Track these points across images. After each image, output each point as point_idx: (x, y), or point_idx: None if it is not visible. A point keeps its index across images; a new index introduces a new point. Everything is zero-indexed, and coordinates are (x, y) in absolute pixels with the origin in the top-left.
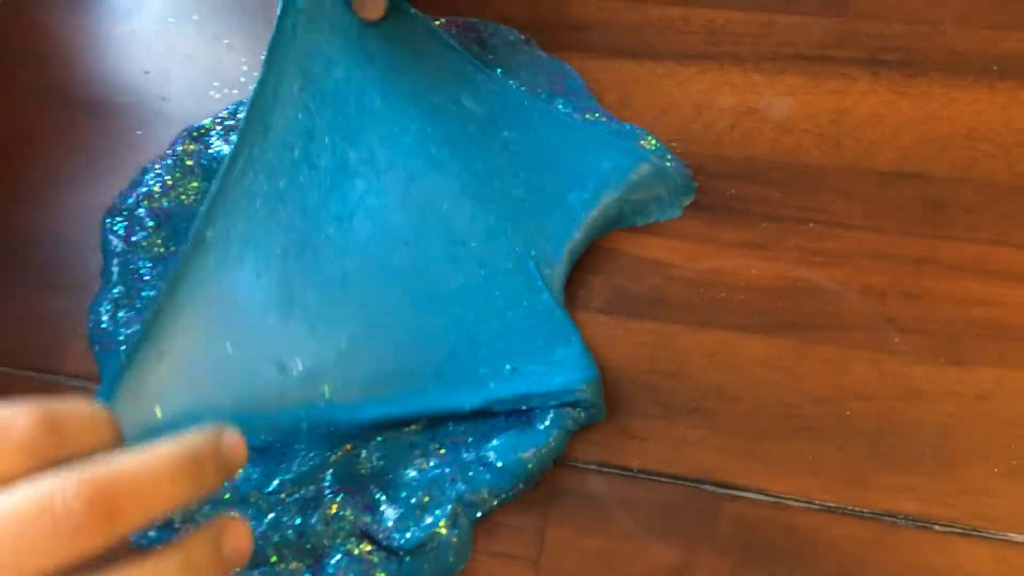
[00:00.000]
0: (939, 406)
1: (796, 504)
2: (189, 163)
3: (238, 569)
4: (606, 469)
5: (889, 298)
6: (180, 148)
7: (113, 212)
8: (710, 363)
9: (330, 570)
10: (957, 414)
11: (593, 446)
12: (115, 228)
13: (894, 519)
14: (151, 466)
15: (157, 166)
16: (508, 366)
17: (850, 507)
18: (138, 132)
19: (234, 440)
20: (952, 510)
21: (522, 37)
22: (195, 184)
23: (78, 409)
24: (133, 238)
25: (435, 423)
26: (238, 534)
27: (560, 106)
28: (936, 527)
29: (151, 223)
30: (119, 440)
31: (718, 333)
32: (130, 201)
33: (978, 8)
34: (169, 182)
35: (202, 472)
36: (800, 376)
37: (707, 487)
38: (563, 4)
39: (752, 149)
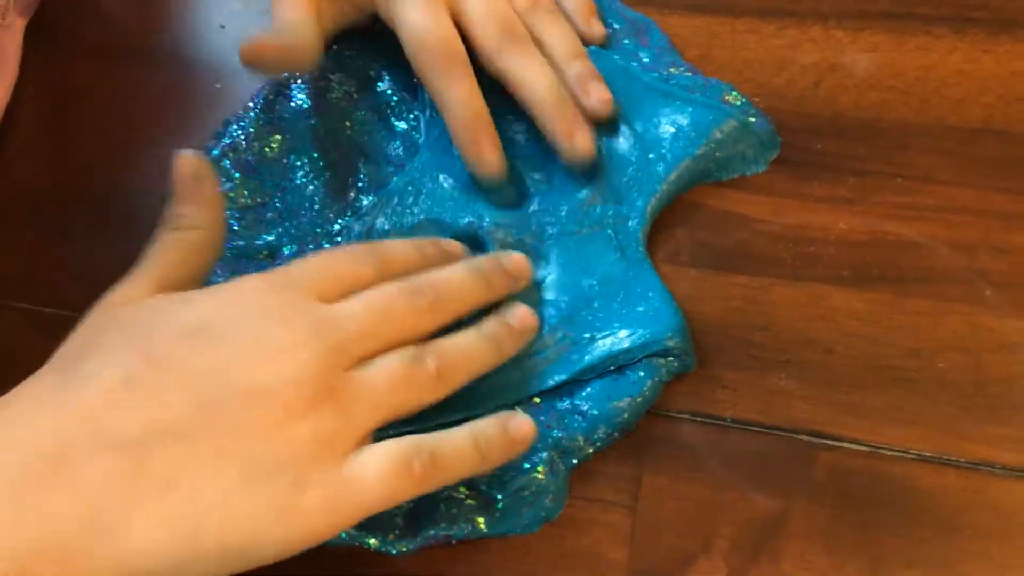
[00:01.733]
0: None
1: (892, 454)
2: (272, 116)
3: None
4: (699, 419)
5: (979, 252)
6: (262, 101)
7: None
8: (802, 316)
9: (432, 513)
10: None
11: (686, 396)
12: None
13: (990, 468)
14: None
15: (241, 119)
16: (586, 335)
17: (946, 457)
18: (217, 86)
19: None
20: None
21: None
22: (278, 137)
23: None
24: (219, 189)
25: None
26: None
27: (645, 58)
28: None
29: (237, 175)
30: None
31: (809, 286)
32: (215, 153)
33: None
34: (253, 134)
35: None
36: (893, 328)
37: (801, 436)
38: None
39: (837, 105)
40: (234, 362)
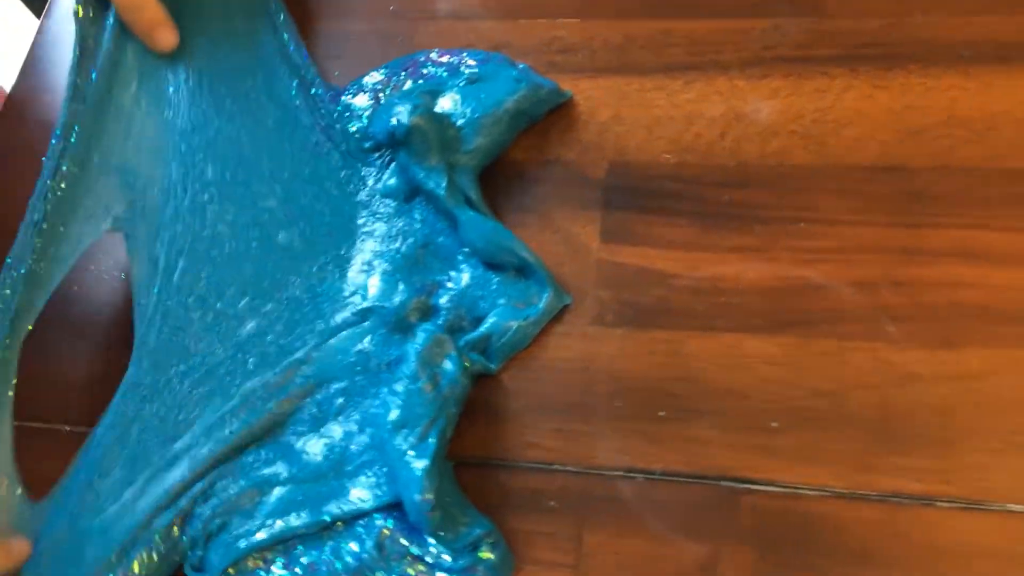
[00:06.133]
0: (934, 389)
1: (808, 493)
2: None
3: None
4: (632, 474)
5: (880, 289)
6: None
7: None
8: (718, 365)
9: None
10: (951, 395)
11: (618, 453)
12: None
13: (899, 499)
14: None
15: None
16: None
17: (858, 491)
18: None
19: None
20: (953, 487)
21: (513, 62)
22: None
23: None
24: None
25: None
26: None
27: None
28: (939, 504)
29: None
30: None
31: (724, 336)
32: None
33: None
34: None
35: None
36: (803, 370)
37: (725, 483)
38: (548, 28)
39: (741, 155)
40: None
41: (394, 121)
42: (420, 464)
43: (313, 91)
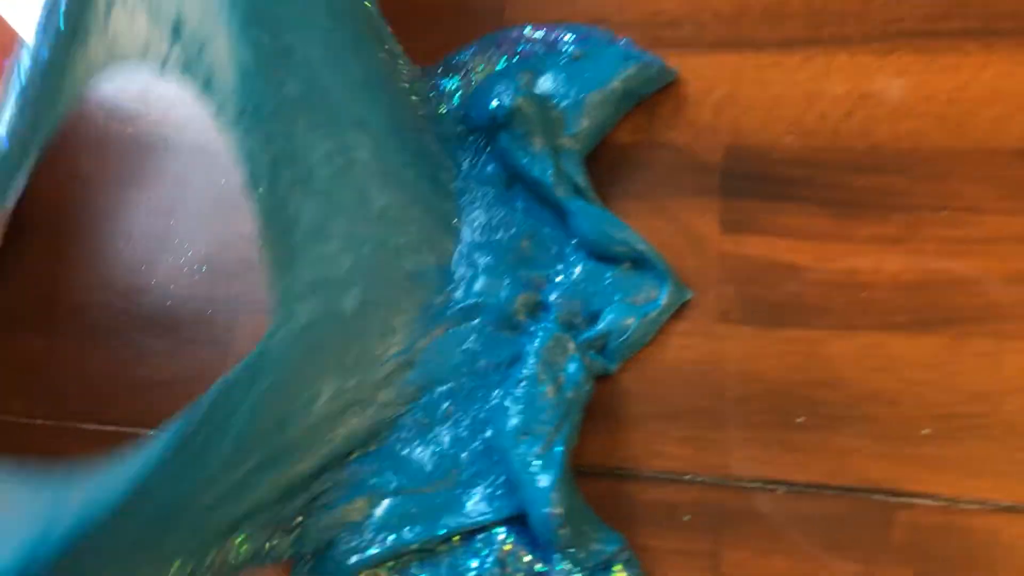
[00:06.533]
0: None
1: (970, 507)
2: None
3: None
4: (771, 486)
5: None
6: None
7: None
8: (862, 367)
9: None
10: None
11: (754, 463)
12: None
13: None
14: None
15: None
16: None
17: (1023, 505)
18: None
19: None
20: None
21: (615, 37)
22: None
23: None
24: None
25: None
26: None
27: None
28: None
29: None
30: None
31: (866, 335)
32: None
33: None
34: None
35: None
36: (956, 373)
37: (876, 496)
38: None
39: (872, 137)
40: None
41: (494, 103)
42: (547, 475)
43: (400, 62)
